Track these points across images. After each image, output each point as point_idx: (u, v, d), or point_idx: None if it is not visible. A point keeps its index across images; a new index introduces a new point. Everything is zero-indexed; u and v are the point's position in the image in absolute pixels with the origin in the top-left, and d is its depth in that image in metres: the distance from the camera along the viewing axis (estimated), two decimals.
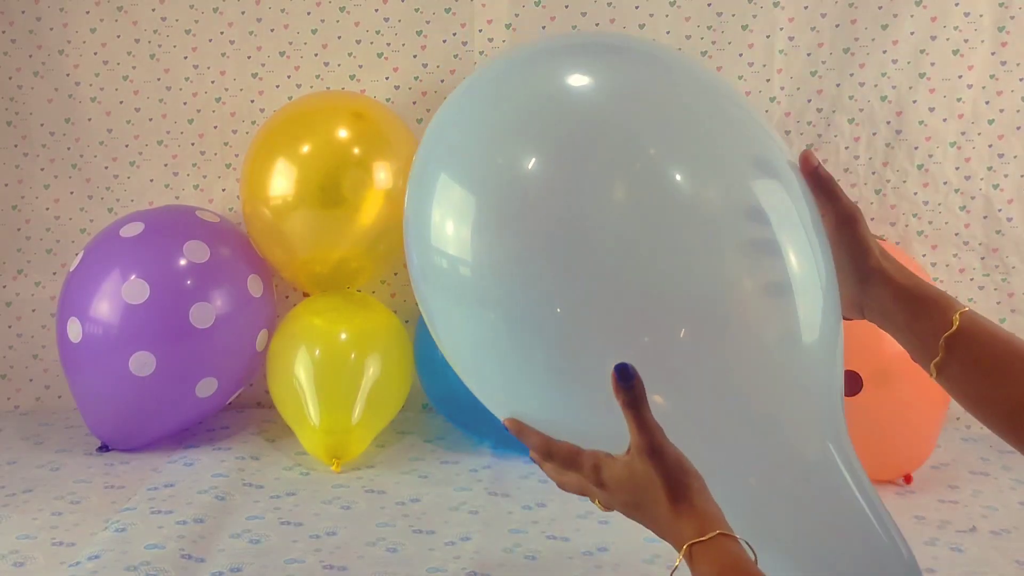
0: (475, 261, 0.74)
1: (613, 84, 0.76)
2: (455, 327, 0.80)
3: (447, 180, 0.77)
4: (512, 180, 0.73)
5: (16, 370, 1.83)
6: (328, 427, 1.46)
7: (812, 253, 0.75)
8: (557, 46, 0.82)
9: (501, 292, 0.73)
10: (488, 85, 0.81)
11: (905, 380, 1.39)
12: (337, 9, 1.75)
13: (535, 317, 0.72)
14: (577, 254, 0.70)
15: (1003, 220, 1.71)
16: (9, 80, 1.80)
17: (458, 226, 0.75)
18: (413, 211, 0.82)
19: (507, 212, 0.73)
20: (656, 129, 0.73)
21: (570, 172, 0.71)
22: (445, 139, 0.81)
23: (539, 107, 0.75)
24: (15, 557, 1.20)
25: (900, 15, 1.68)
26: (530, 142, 0.73)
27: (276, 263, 1.66)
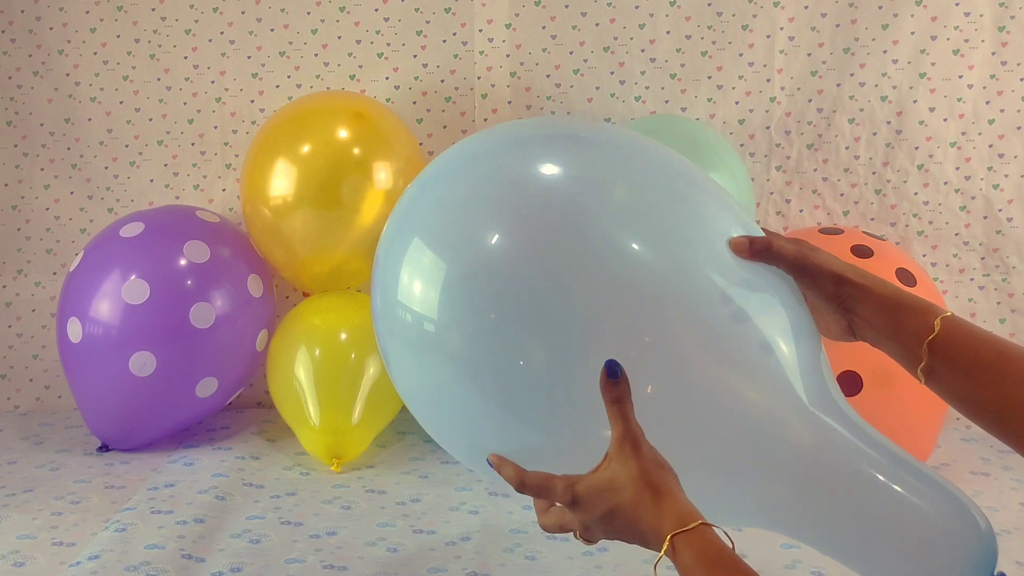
0: (439, 319, 0.80)
1: (579, 169, 0.83)
2: (413, 373, 0.86)
3: (419, 244, 0.83)
4: (480, 251, 0.79)
5: (16, 370, 1.83)
6: (328, 427, 1.46)
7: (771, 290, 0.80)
8: (533, 134, 0.89)
9: (463, 347, 0.79)
10: (467, 163, 0.88)
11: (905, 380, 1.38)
12: (337, 9, 1.75)
13: (496, 369, 0.78)
14: (542, 322, 0.76)
15: (1003, 220, 1.71)
16: (9, 80, 1.80)
17: (425, 287, 0.81)
18: (383, 263, 0.88)
19: (474, 279, 0.79)
20: (619, 215, 0.79)
21: (536, 249, 0.78)
22: (422, 205, 0.87)
23: (509, 189, 0.82)
24: (15, 557, 1.20)
25: (900, 15, 1.68)
26: (500, 219, 0.80)
27: (276, 263, 1.66)
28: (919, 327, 0.75)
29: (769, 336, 0.78)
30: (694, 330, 0.76)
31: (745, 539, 1.22)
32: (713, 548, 0.65)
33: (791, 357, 0.78)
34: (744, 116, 1.75)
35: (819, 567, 1.14)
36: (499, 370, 0.78)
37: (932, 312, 0.75)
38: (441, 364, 0.81)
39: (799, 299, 0.82)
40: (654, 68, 1.74)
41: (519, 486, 0.77)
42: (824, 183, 1.75)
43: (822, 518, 0.77)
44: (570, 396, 0.75)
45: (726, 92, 1.74)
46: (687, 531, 0.65)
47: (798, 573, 1.14)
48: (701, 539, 0.65)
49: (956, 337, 0.74)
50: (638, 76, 1.75)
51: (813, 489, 0.77)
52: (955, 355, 0.74)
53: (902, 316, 0.76)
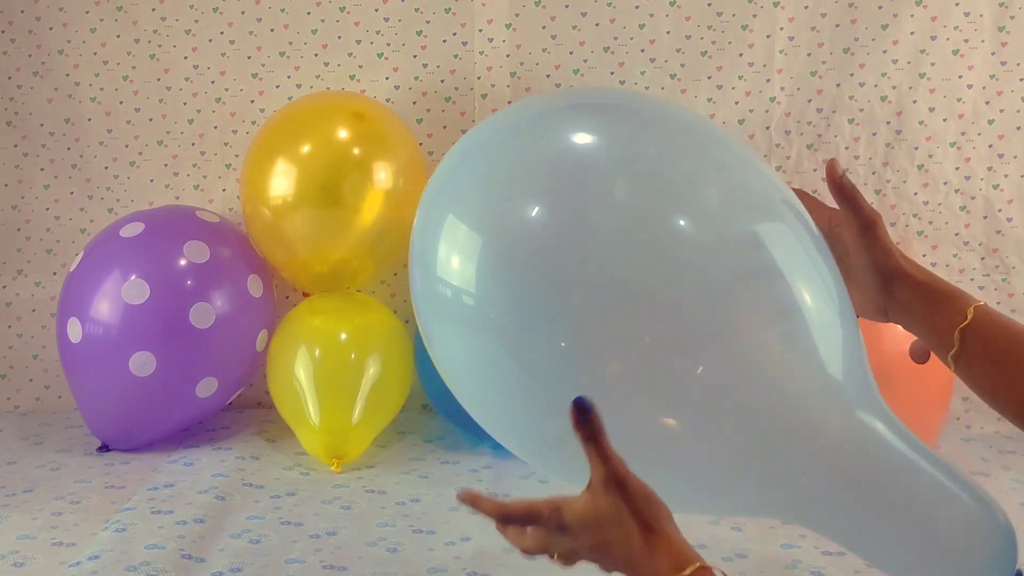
0: (478, 293, 0.79)
1: (613, 141, 0.81)
2: (455, 349, 0.85)
3: (454, 220, 0.83)
4: (515, 224, 0.78)
5: (16, 370, 1.83)
6: (328, 427, 1.46)
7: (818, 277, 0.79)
8: (565, 103, 0.88)
9: (503, 322, 0.78)
10: (498, 135, 0.87)
11: (905, 380, 1.39)
12: (337, 9, 1.75)
13: (536, 347, 0.77)
14: (579, 293, 0.75)
15: (1003, 220, 1.71)
16: (9, 80, 1.80)
17: (463, 262, 0.80)
18: (419, 242, 0.87)
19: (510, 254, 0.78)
20: (654, 180, 0.78)
21: (571, 217, 0.77)
22: (454, 180, 0.87)
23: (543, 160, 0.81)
24: (15, 557, 1.20)
25: (900, 15, 1.68)
26: (534, 191, 0.79)
27: (276, 263, 1.66)
28: (952, 314, 0.76)
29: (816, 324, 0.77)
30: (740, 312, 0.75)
31: (745, 539, 1.22)
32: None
33: (836, 348, 0.78)
34: (744, 116, 1.75)
35: (819, 567, 1.14)
36: (538, 346, 0.76)
37: (966, 300, 0.76)
38: (483, 339, 0.80)
39: (843, 288, 0.81)
40: (654, 68, 1.74)
41: (502, 516, 0.73)
42: (824, 183, 1.75)
43: (849, 513, 0.76)
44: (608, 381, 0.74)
45: (726, 92, 1.74)
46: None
47: (798, 573, 1.14)
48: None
49: (988, 326, 0.75)
50: (638, 76, 1.75)
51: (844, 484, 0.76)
52: (986, 344, 0.74)
53: (937, 302, 0.77)
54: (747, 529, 1.26)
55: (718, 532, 1.24)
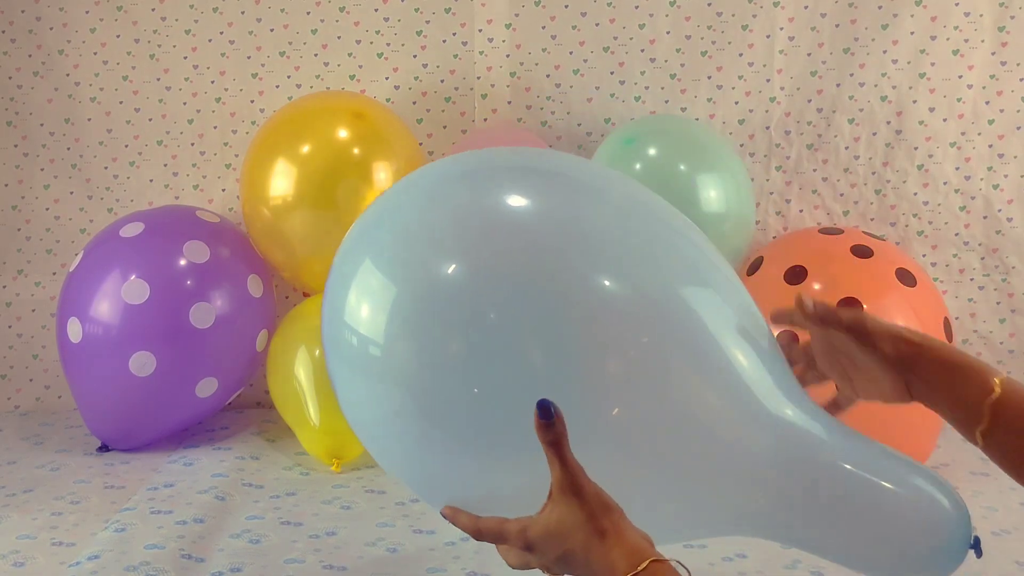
0: (386, 344, 0.78)
1: (545, 205, 0.81)
2: (361, 398, 0.83)
3: (370, 266, 0.81)
4: (433, 279, 0.77)
5: (16, 370, 1.83)
6: (328, 427, 1.46)
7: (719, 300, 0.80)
8: (502, 164, 0.88)
9: (410, 373, 0.77)
10: (425, 188, 0.86)
11: None
12: (337, 9, 1.76)
13: (446, 397, 0.76)
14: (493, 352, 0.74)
15: (1003, 220, 1.71)
16: (9, 80, 1.80)
17: (374, 311, 0.79)
18: (333, 284, 0.86)
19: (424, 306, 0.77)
20: (580, 249, 0.77)
21: (492, 279, 0.76)
22: (376, 230, 0.85)
23: (466, 219, 0.80)
24: (15, 557, 1.20)
25: (900, 15, 1.68)
26: (456, 247, 0.78)
27: (276, 263, 1.66)
28: (978, 387, 0.75)
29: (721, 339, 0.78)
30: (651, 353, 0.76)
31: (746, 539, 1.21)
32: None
33: (743, 360, 0.78)
34: (744, 116, 1.75)
35: (819, 567, 1.14)
36: (449, 399, 0.76)
37: (990, 372, 0.75)
38: (389, 390, 0.79)
39: (746, 298, 0.82)
40: (654, 68, 1.74)
41: (476, 534, 0.77)
42: (824, 183, 1.75)
43: (799, 517, 0.77)
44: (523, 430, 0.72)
45: (726, 92, 1.74)
46: (640, 573, 0.65)
47: (798, 573, 1.14)
48: None
49: (1016, 399, 0.74)
50: (638, 76, 1.75)
51: (783, 489, 0.77)
52: (1015, 418, 0.73)
53: (961, 376, 0.76)
54: None
55: None
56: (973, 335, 1.74)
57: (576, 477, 0.69)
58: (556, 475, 0.70)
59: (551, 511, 0.70)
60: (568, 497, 0.69)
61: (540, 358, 0.74)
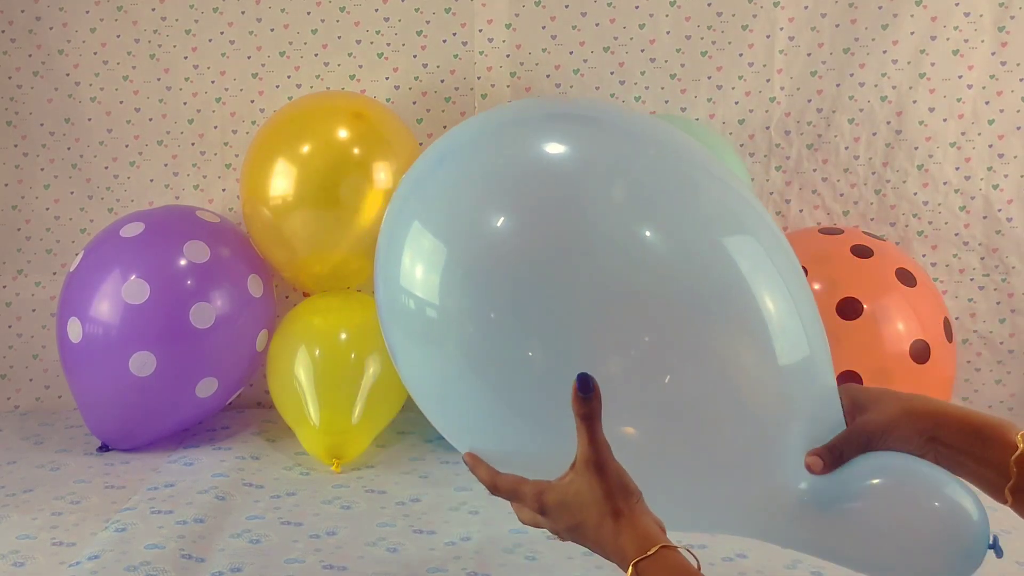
0: (441, 305, 0.78)
1: (584, 152, 0.81)
2: (417, 363, 0.84)
3: (419, 228, 0.81)
4: (482, 235, 0.77)
5: (16, 370, 1.83)
6: (328, 427, 1.46)
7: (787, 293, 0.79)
8: (536, 113, 0.87)
9: (465, 335, 0.77)
10: (467, 143, 0.86)
11: (905, 380, 1.39)
12: (337, 9, 1.76)
13: (500, 361, 0.76)
14: (546, 307, 0.74)
15: (1003, 220, 1.71)
16: (9, 80, 1.80)
17: (427, 272, 0.79)
18: (384, 252, 0.86)
19: (475, 264, 0.77)
20: (624, 195, 0.77)
21: (540, 231, 0.76)
22: (421, 190, 0.85)
23: (511, 168, 0.80)
24: (15, 557, 1.20)
25: (900, 15, 1.68)
26: (502, 201, 0.78)
27: (276, 263, 1.66)
28: (1001, 446, 0.75)
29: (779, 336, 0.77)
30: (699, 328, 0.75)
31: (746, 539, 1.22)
32: (677, 569, 0.66)
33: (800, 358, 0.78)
34: (744, 116, 1.75)
35: (819, 567, 1.14)
36: (503, 361, 0.76)
37: (1010, 429, 0.75)
38: (444, 354, 0.79)
39: (809, 296, 0.82)
40: (654, 68, 1.74)
41: (492, 488, 0.78)
42: (824, 183, 1.75)
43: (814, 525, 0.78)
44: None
45: (726, 92, 1.74)
46: (649, 557, 0.66)
47: (798, 573, 1.14)
48: (664, 563, 0.66)
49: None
50: (638, 76, 1.75)
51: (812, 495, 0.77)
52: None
53: (982, 438, 0.76)
54: None
55: None
56: (973, 335, 1.74)
57: (602, 454, 0.70)
58: (583, 449, 0.70)
59: (571, 482, 0.71)
60: (590, 472, 0.70)
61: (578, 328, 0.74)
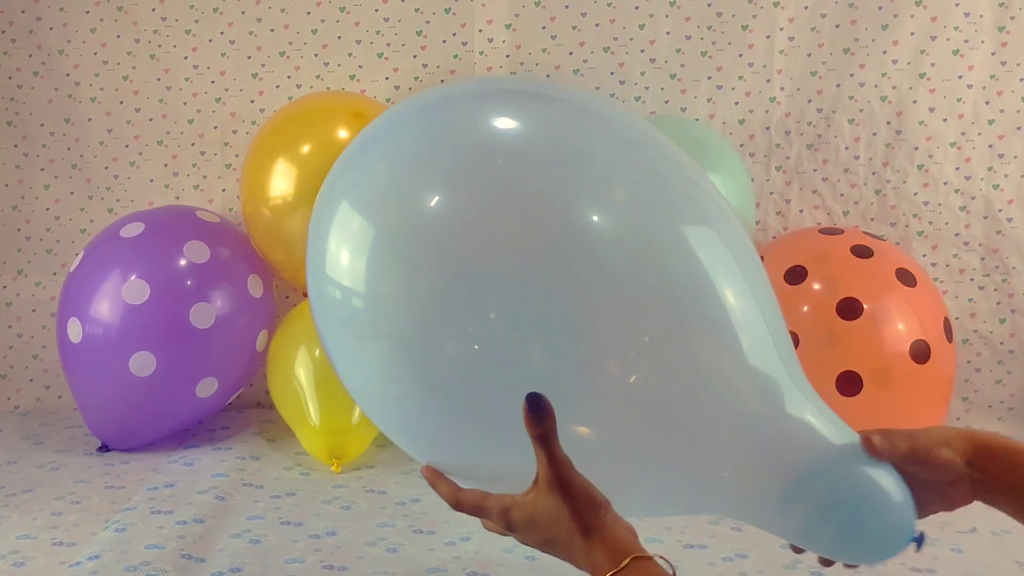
0: (368, 292, 0.71)
1: (528, 127, 0.74)
2: (351, 362, 0.77)
3: (347, 208, 0.74)
4: (415, 213, 0.70)
5: (16, 370, 1.83)
6: (328, 427, 1.46)
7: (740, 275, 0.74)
8: (475, 90, 0.81)
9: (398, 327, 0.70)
10: (399, 120, 0.79)
11: (905, 380, 1.39)
12: (337, 9, 1.76)
13: (437, 354, 0.69)
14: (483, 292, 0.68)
15: (1003, 220, 1.71)
16: (9, 80, 1.80)
17: (353, 256, 0.71)
18: (312, 241, 0.79)
19: (406, 246, 0.70)
20: (566, 171, 0.70)
21: (479, 210, 0.69)
22: (352, 169, 0.78)
23: (446, 144, 0.73)
24: (15, 557, 1.20)
25: (900, 15, 1.68)
26: (435, 178, 0.71)
27: (276, 263, 1.66)
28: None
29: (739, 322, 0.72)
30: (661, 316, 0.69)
31: (746, 539, 1.22)
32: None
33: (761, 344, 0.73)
34: (744, 116, 1.75)
35: (819, 567, 1.14)
36: (438, 357, 0.68)
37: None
38: (377, 349, 0.72)
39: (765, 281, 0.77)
40: (654, 68, 1.74)
41: (455, 504, 0.75)
42: (824, 183, 1.75)
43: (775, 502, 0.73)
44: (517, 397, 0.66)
45: (726, 92, 1.74)
46: (623, 569, 0.65)
47: (798, 573, 1.14)
48: (638, 574, 0.66)
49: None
50: (638, 76, 1.75)
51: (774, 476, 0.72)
52: None
53: (1018, 461, 0.73)
54: (747, 529, 1.26)
55: (718, 532, 1.24)
56: (973, 335, 1.74)
57: (564, 472, 0.68)
58: (543, 470, 0.68)
59: (535, 499, 0.69)
60: (554, 492, 0.68)
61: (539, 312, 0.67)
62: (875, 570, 1.13)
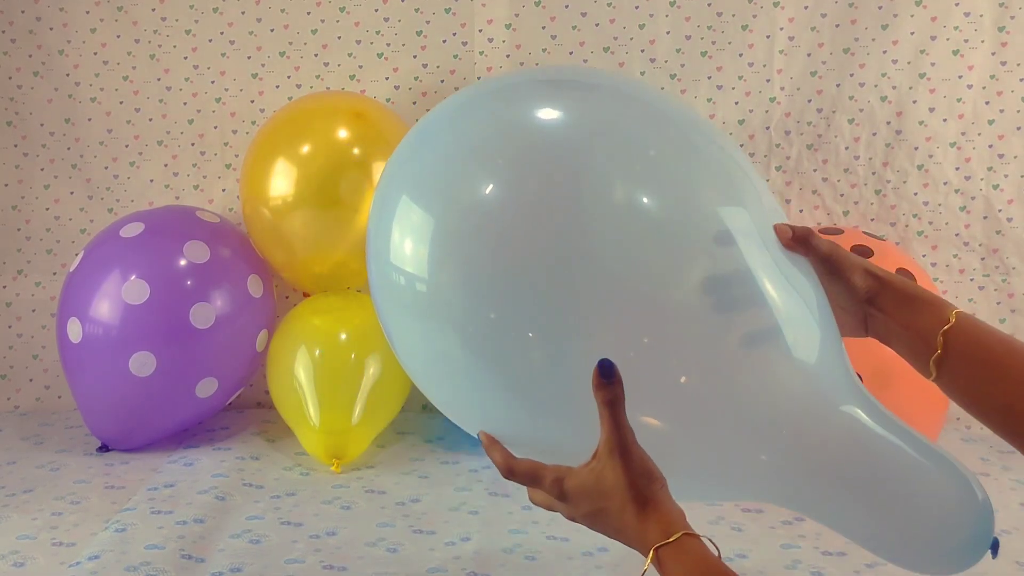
0: (431, 279, 0.76)
1: (576, 117, 0.78)
2: (414, 342, 0.82)
3: (408, 202, 0.79)
4: (473, 204, 0.74)
5: (16, 370, 1.83)
6: (328, 427, 1.46)
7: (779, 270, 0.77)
8: (525, 79, 0.85)
9: (462, 311, 0.74)
10: (453, 113, 0.83)
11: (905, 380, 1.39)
12: (337, 9, 1.76)
13: (498, 340, 0.73)
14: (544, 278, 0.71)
15: (1003, 220, 1.71)
16: (9, 80, 1.80)
17: (416, 245, 0.77)
18: (374, 228, 0.84)
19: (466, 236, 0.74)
20: (618, 160, 0.74)
21: (534, 198, 0.73)
22: (410, 163, 0.83)
23: (501, 135, 0.77)
24: (15, 557, 1.20)
25: (900, 15, 1.68)
26: (491, 169, 0.75)
27: (276, 263, 1.66)
28: (934, 318, 0.77)
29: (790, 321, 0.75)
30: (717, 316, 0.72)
31: (746, 539, 1.22)
32: (698, 557, 0.66)
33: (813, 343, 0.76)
34: (744, 116, 1.75)
35: (819, 567, 1.14)
36: (498, 338, 0.73)
37: (947, 305, 0.77)
38: (439, 330, 0.76)
39: (816, 282, 0.80)
40: (654, 68, 1.74)
41: (507, 472, 0.76)
42: (824, 183, 1.75)
43: (837, 498, 0.75)
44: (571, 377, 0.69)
45: (726, 92, 1.74)
46: (671, 543, 0.66)
47: (798, 573, 1.14)
48: (685, 549, 0.66)
49: (969, 330, 0.75)
50: (638, 76, 1.75)
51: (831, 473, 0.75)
52: (966, 347, 0.75)
53: (918, 307, 0.78)
54: (747, 529, 1.26)
55: (718, 532, 1.24)
56: None
57: (626, 439, 0.69)
58: (607, 435, 0.69)
59: (593, 468, 0.70)
60: (615, 458, 0.69)
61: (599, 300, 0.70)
62: (873, 570, 1.13)
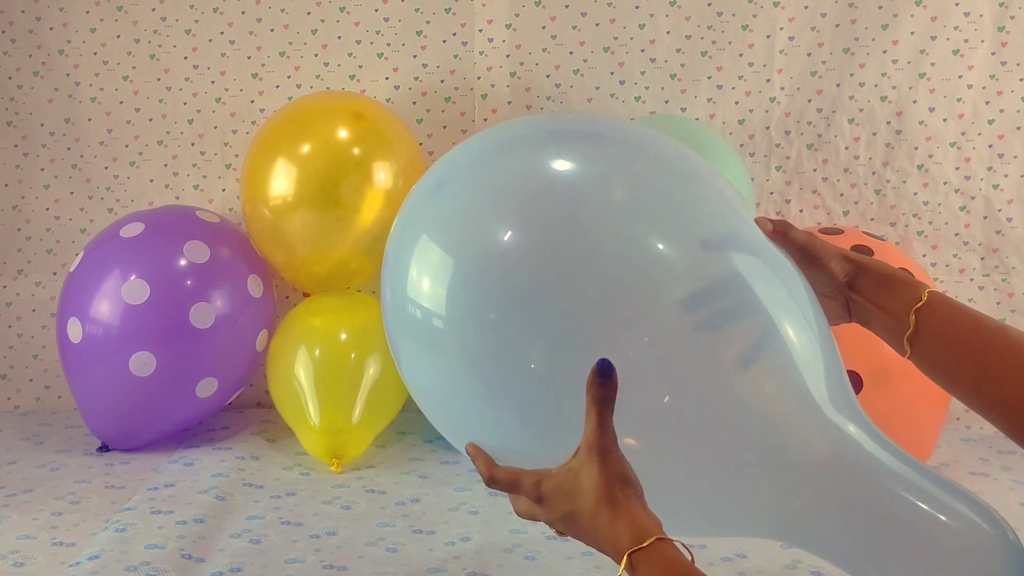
0: (447, 315, 0.80)
1: (587, 167, 0.83)
2: (422, 369, 0.87)
3: (427, 241, 0.84)
4: (487, 248, 0.79)
5: (16, 370, 1.83)
6: (328, 427, 1.46)
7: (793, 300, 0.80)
8: (542, 129, 0.90)
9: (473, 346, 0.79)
10: (472, 160, 0.88)
11: (905, 380, 1.39)
12: (337, 9, 1.76)
13: (506, 371, 0.78)
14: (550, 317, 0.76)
15: (1003, 220, 1.71)
16: (9, 80, 1.80)
17: (434, 284, 0.82)
18: (392, 263, 0.89)
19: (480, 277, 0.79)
20: (628, 207, 0.79)
21: (542, 244, 0.78)
22: (429, 202, 0.88)
23: (515, 186, 0.82)
24: (15, 557, 1.20)
25: (900, 15, 1.68)
26: (505, 216, 0.80)
27: (276, 263, 1.66)
28: (908, 296, 0.80)
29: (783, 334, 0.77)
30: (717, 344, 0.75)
31: (745, 539, 1.22)
32: (671, 562, 0.66)
33: (809, 357, 0.78)
34: (744, 116, 1.75)
35: (819, 567, 1.14)
36: (506, 370, 0.77)
37: (920, 285, 0.80)
38: (449, 361, 0.81)
39: (812, 294, 0.82)
40: (654, 68, 1.74)
41: (489, 480, 0.78)
42: (824, 183, 1.75)
43: (839, 532, 0.76)
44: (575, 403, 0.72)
45: (726, 92, 1.74)
46: (644, 548, 0.66)
47: (798, 573, 1.14)
48: (659, 555, 0.66)
49: (940, 308, 0.78)
50: (638, 76, 1.75)
51: (830, 501, 0.75)
52: (939, 324, 0.78)
53: (893, 288, 0.81)
54: None
55: None
56: None
57: (607, 441, 0.70)
58: (589, 433, 0.70)
59: (572, 467, 0.71)
60: (593, 457, 0.70)
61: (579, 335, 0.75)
62: None
